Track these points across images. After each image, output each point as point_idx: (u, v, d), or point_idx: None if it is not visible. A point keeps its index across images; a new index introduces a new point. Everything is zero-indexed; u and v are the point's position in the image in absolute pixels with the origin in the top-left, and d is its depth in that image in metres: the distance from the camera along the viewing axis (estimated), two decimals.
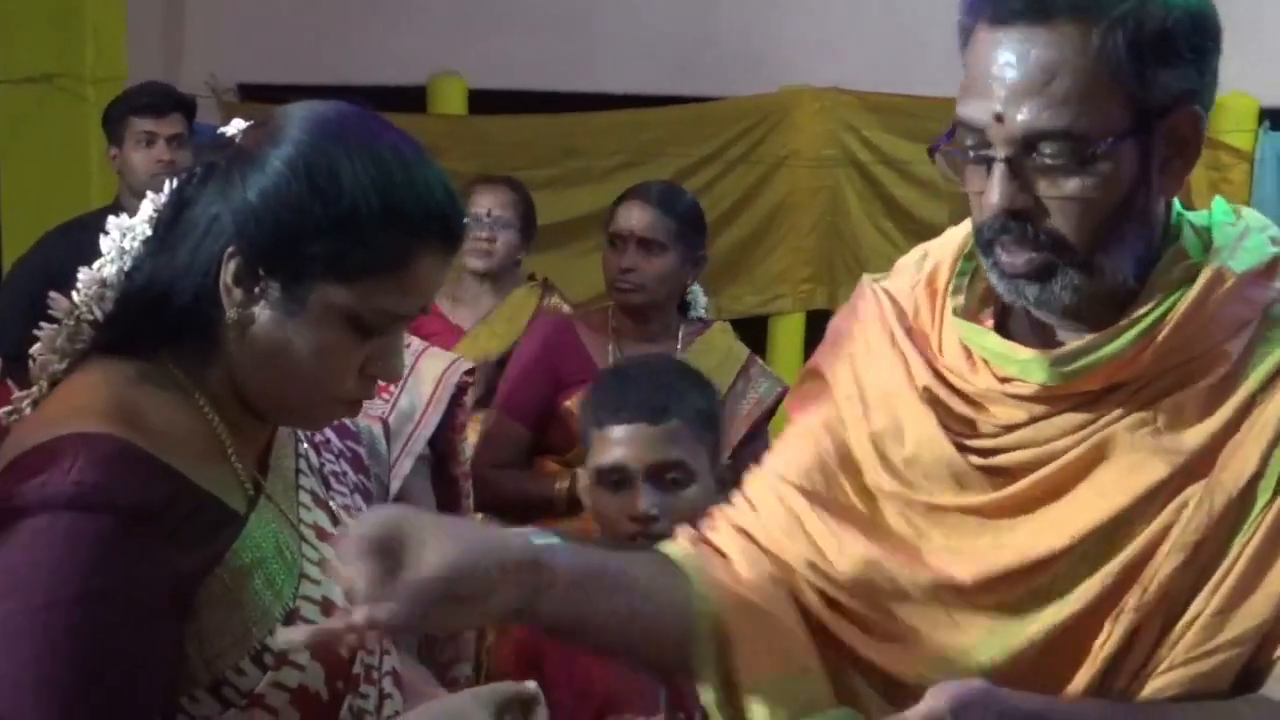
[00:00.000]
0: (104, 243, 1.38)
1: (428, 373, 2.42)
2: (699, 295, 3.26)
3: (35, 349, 1.35)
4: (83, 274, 1.37)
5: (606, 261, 3.14)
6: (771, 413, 3.24)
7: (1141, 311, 1.39)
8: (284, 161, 1.27)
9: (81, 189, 5.64)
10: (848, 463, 1.55)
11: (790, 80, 6.91)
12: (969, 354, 1.48)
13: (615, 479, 1.95)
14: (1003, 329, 1.49)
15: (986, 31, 1.35)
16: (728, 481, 2.97)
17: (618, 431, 1.93)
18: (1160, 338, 1.39)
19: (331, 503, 1.47)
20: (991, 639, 1.45)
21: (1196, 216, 1.49)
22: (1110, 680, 1.41)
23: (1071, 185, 1.34)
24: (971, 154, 1.39)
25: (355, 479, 1.56)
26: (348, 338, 1.29)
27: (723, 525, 1.62)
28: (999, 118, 1.33)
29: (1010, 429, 1.46)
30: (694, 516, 1.83)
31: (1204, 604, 1.38)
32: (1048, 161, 1.34)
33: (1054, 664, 1.42)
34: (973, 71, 1.37)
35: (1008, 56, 1.33)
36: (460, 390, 2.50)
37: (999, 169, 1.34)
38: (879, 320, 1.57)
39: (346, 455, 1.57)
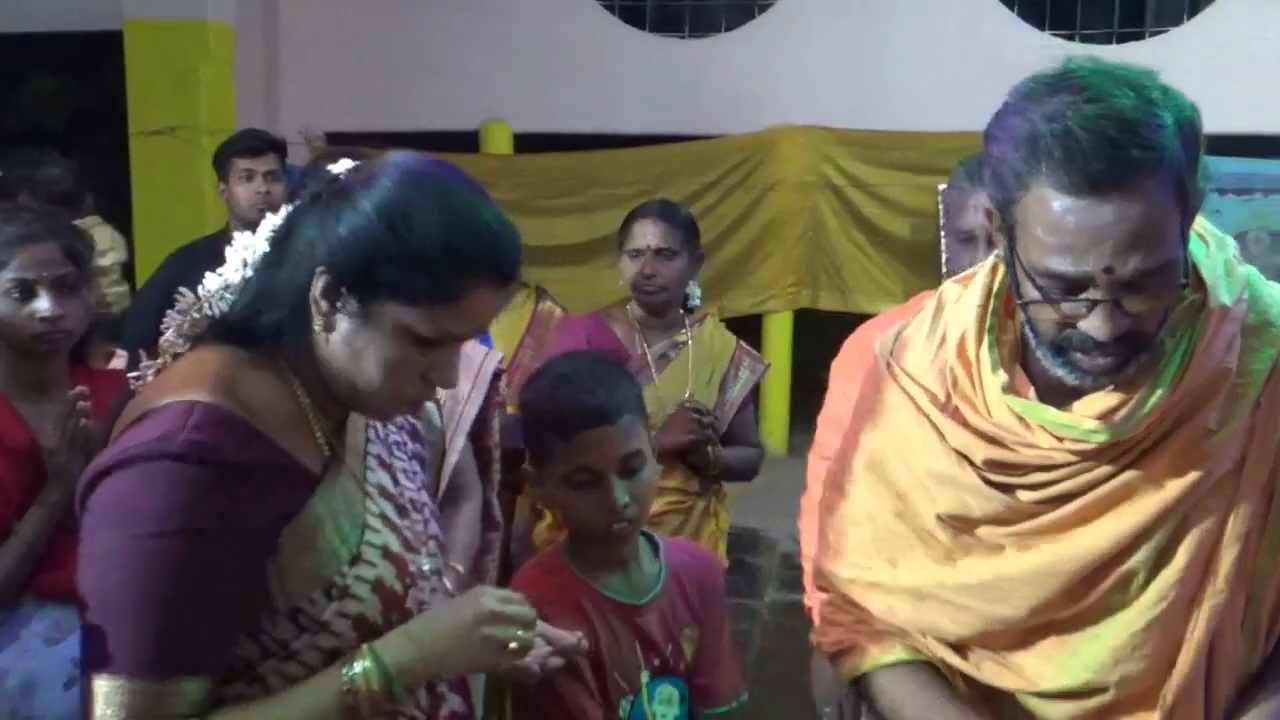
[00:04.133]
0: (229, 253, 1.38)
1: (469, 362, 2.41)
2: (695, 290, 3.24)
3: (165, 334, 1.37)
4: (209, 278, 1.38)
5: (628, 271, 3.11)
6: (757, 388, 3.26)
7: (1165, 363, 1.33)
8: (370, 203, 1.27)
9: (198, 219, 5.68)
10: (923, 534, 1.48)
11: (777, 120, 6.90)
12: (1020, 418, 1.39)
13: (585, 479, 1.75)
14: (1027, 373, 1.42)
15: (1068, 198, 1.22)
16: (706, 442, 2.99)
17: (585, 438, 1.74)
18: (1185, 377, 1.33)
19: (394, 465, 1.47)
20: (1090, 645, 1.40)
21: None
22: (1213, 663, 1.38)
23: (1160, 299, 1.27)
24: (1066, 298, 1.27)
25: (413, 447, 1.55)
26: (411, 350, 1.29)
27: (871, 625, 1.56)
28: (1108, 270, 1.23)
29: (1061, 466, 1.39)
30: (649, 490, 1.81)
31: None
32: (1146, 289, 1.25)
33: (1153, 656, 1.38)
34: (1061, 232, 1.23)
35: (1106, 219, 1.21)
36: (496, 376, 2.49)
37: (1105, 309, 1.25)
38: (905, 402, 1.49)
39: (406, 427, 1.56)
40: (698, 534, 3.06)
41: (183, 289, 1.38)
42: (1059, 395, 1.37)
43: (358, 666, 1.29)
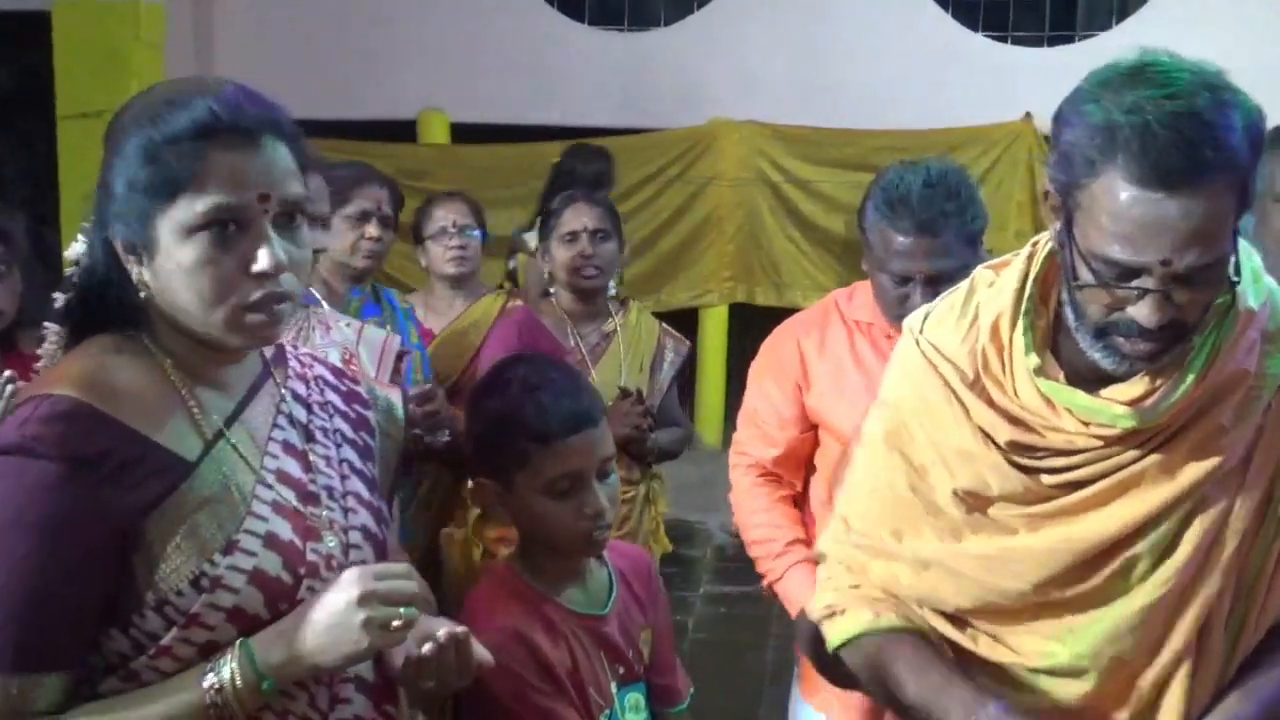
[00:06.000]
0: (73, 250, 1.37)
1: (372, 345, 2.40)
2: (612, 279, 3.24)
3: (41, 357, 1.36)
4: (58, 297, 1.36)
5: (561, 256, 3.07)
6: (683, 369, 3.27)
7: (1192, 356, 1.38)
8: (109, 155, 1.29)
9: None
10: (934, 509, 1.51)
11: (715, 115, 6.92)
12: (1048, 401, 1.42)
13: (566, 486, 1.67)
14: (1056, 357, 1.46)
15: (1137, 189, 1.25)
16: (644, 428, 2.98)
17: (573, 441, 1.66)
18: (1210, 373, 1.38)
19: (311, 454, 1.39)
20: (1090, 626, 1.44)
21: None
22: (1198, 661, 1.43)
23: (1208, 294, 1.32)
24: (1119, 284, 1.31)
25: (354, 436, 1.47)
26: (205, 248, 1.23)
27: (867, 592, 1.58)
28: (1165, 262, 1.27)
29: (1082, 451, 1.43)
30: (618, 492, 1.76)
31: (1276, 562, 1.43)
32: (1197, 283, 1.30)
33: (1144, 640, 1.43)
34: (1124, 221, 1.27)
35: (1171, 215, 1.25)
36: (398, 358, 2.49)
37: (1156, 298, 1.29)
38: (934, 378, 1.51)
39: (350, 416, 1.49)
40: (640, 521, 3.08)
41: (55, 294, 1.36)
42: (1086, 383, 1.41)
43: (224, 666, 1.23)
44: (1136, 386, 1.38)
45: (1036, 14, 7.10)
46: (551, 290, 3.16)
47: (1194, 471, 1.39)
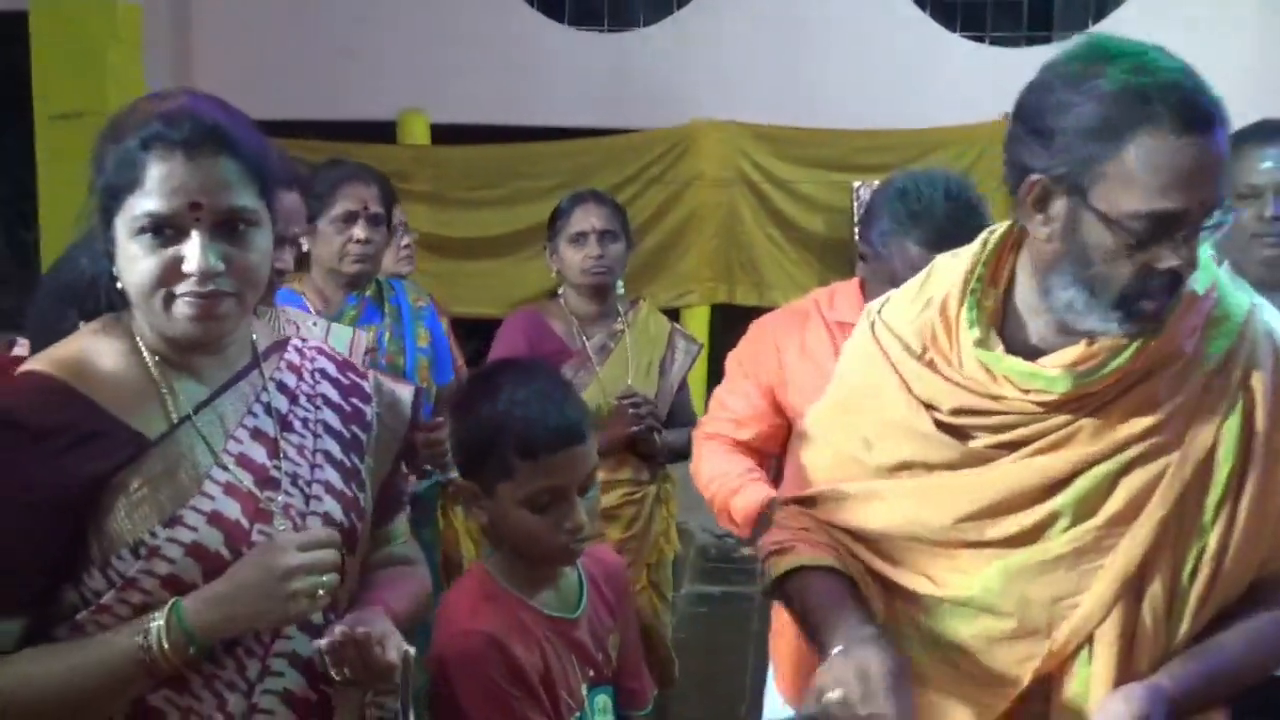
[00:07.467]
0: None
1: (339, 342, 2.40)
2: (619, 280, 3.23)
3: None
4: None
5: (571, 257, 3.06)
6: (690, 368, 3.28)
7: None
8: (93, 159, 1.39)
9: None
10: (879, 474, 1.59)
11: (696, 116, 6.93)
12: (988, 370, 1.51)
13: (547, 500, 1.67)
14: (1002, 337, 1.53)
15: (1183, 137, 1.33)
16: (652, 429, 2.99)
17: (559, 457, 1.66)
18: (1148, 348, 1.44)
19: (283, 441, 1.46)
20: (1000, 565, 1.50)
21: None
22: (1134, 602, 1.47)
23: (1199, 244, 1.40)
24: (1165, 237, 1.37)
25: (341, 428, 1.53)
26: (144, 245, 1.35)
27: (814, 535, 1.65)
28: (1204, 202, 1.36)
29: (1018, 414, 1.50)
30: (598, 505, 1.77)
31: (1219, 544, 1.46)
32: (1208, 224, 1.38)
33: (1055, 590, 1.48)
34: (1171, 170, 1.34)
35: (1210, 156, 1.35)
36: (365, 353, 2.49)
37: (1195, 240, 1.38)
38: (879, 354, 1.61)
39: (343, 410, 1.55)
40: (651, 521, 3.08)
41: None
42: (1027, 358, 1.49)
43: (154, 623, 1.32)
44: (1069, 354, 1.46)
45: (1014, 15, 7.14)
46: (560, 291, 3.15)
47: (1122, 432, 1.46)
